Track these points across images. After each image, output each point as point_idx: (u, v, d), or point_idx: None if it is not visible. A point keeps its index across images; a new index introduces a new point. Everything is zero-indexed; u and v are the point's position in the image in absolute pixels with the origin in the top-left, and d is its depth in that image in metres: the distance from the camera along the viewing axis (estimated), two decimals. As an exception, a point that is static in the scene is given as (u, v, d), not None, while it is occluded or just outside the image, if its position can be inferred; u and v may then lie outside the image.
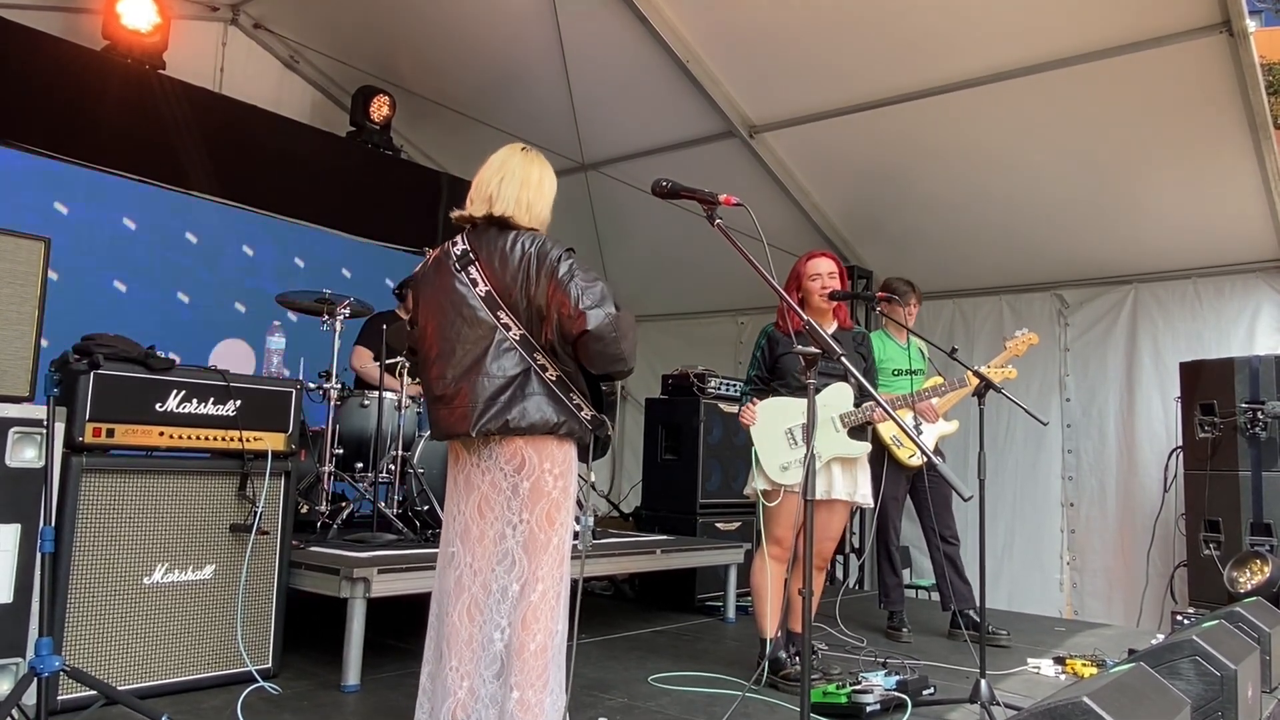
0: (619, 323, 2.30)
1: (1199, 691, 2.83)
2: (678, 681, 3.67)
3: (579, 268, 2.36)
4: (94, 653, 2.96)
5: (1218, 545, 4.93)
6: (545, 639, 2.32)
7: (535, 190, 2.47)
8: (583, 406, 2.43)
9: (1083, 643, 4.68)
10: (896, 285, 4.99)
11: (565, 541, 2.41)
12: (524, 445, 2.39)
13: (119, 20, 5.49)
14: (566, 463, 2.43)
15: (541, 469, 2.38)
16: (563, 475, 2.41)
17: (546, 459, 2.38)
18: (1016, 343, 4.57)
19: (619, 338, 2.30)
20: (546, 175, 2.53)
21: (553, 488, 2.38)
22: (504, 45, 5.96)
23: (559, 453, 2.41)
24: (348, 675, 3.30)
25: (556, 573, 2.37)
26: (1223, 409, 5.01)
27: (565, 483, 2.41)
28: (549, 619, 2.33)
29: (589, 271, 2.37)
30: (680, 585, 5.38)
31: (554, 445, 2.40)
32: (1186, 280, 5.81)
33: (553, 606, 2.35)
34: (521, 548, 2.36)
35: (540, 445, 2.39)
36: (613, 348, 2.30)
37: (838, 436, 3.67)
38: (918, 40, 4.90)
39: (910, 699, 3.29)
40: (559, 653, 2.38)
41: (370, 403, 4.78)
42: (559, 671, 2.38)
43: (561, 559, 2.39)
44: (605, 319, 2.28)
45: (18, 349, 2.88)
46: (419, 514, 4.49)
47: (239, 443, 3.33)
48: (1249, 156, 4.87)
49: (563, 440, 2.42)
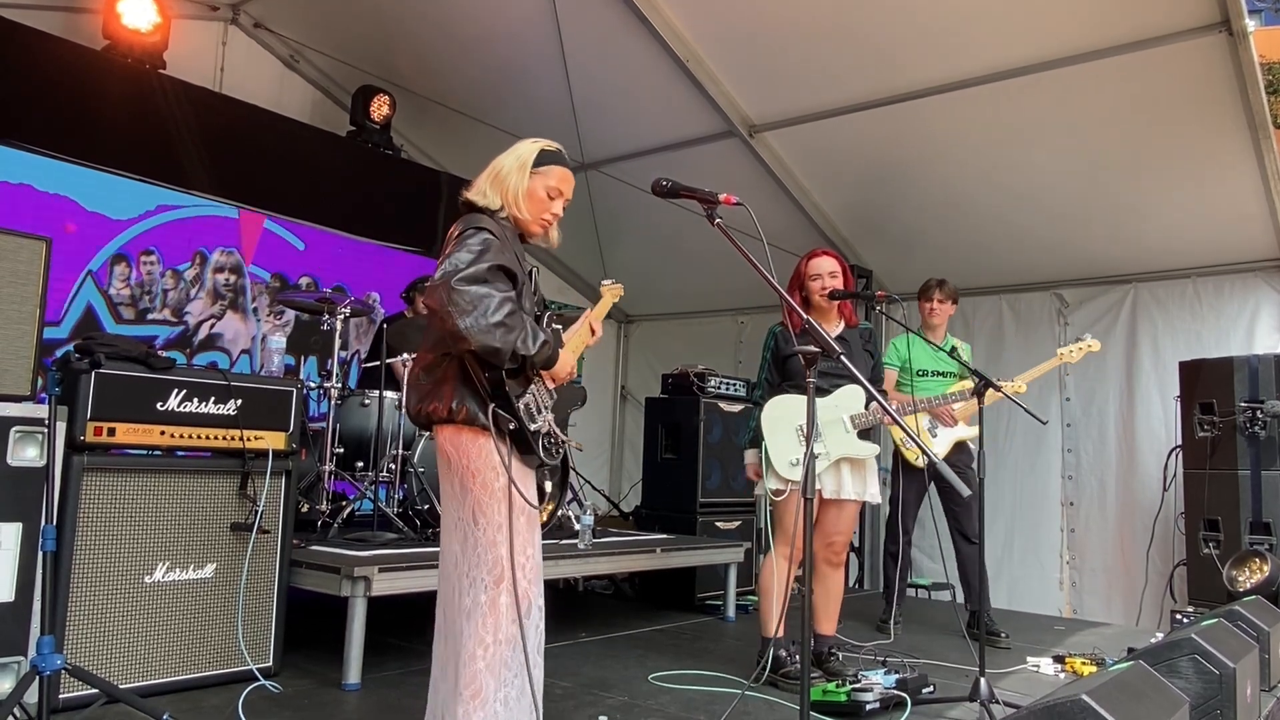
0: (454, 295, 2.13)
1: (1198, 690, 2.84)
2: (678, 680, 3.68)
3: (470, 238, 2.24)
4: (95, 651, 2.97)
5: (1217, 544, 4.93)
6: (474, 647, 2.19)
7: (503, 163, 2.42)
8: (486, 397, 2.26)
9: (1082, 641, 4.69)
10: (926, 282, 5.01)
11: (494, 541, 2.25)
12: (445, 439, 2.32)
13: (119, 20, 5.48)
14: (482, 456, 2.27)
15: (461, 465, 2.29)
16: (479, 471, 2.26)
17: (464, 454, 2.28)
18: (1069, 351, 4.56)
19: (453, 311, 2.12)
20: (517, 150, 2.44)
21: (473, 483, 2.27)
22: (504, 45, 5.96)
23: (473, 446, 2.27)
24: (348, 674, 3.31)
25: (487, 577, 2.23)
26: (1222, 408, 5.01)
27: (484, 478, 2.26)
28: (479, 626, 2.20)
29: (475, 239, 2.23)
30: (680, 584, 5.39)
31: (467, 436, 2.28)
32: (1186, 280, 5.82)
33: (485, 614, 2.20)
34: (459, 546, 2.30)
35: (457, 438, 2.29)
36: (448, 322, 2.13)
37: (847, 437, 3.68)
38: (918, 39, 4.90)
39: (910, 697, 3.30)
40: (498, 665, 2.20)
41: (370, 402, 4.79)
42: (501, 686, 2.20)
43: (488, 563, 2.24)
44: (439, 287, 2.14)
45: (19, 348, 2.89)
46: (419, 513, 4.49)
47: (240, 442, 3.34)
48: (1248, 156, 4.87)
49: (476, 431, 2.27)
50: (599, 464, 8.28)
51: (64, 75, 5.16)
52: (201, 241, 5.86)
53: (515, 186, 2.38)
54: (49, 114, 5.11)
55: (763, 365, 3.87)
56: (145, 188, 5.54)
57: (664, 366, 6.22)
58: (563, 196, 2.48)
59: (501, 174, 2.40)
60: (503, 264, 2.25)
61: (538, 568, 2.34)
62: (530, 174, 2.40)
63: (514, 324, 2.18)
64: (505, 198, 2.38)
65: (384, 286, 6.82)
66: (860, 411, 3.70)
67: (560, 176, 2.46)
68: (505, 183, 2.39)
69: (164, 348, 5.54)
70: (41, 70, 5.07)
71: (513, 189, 2.38)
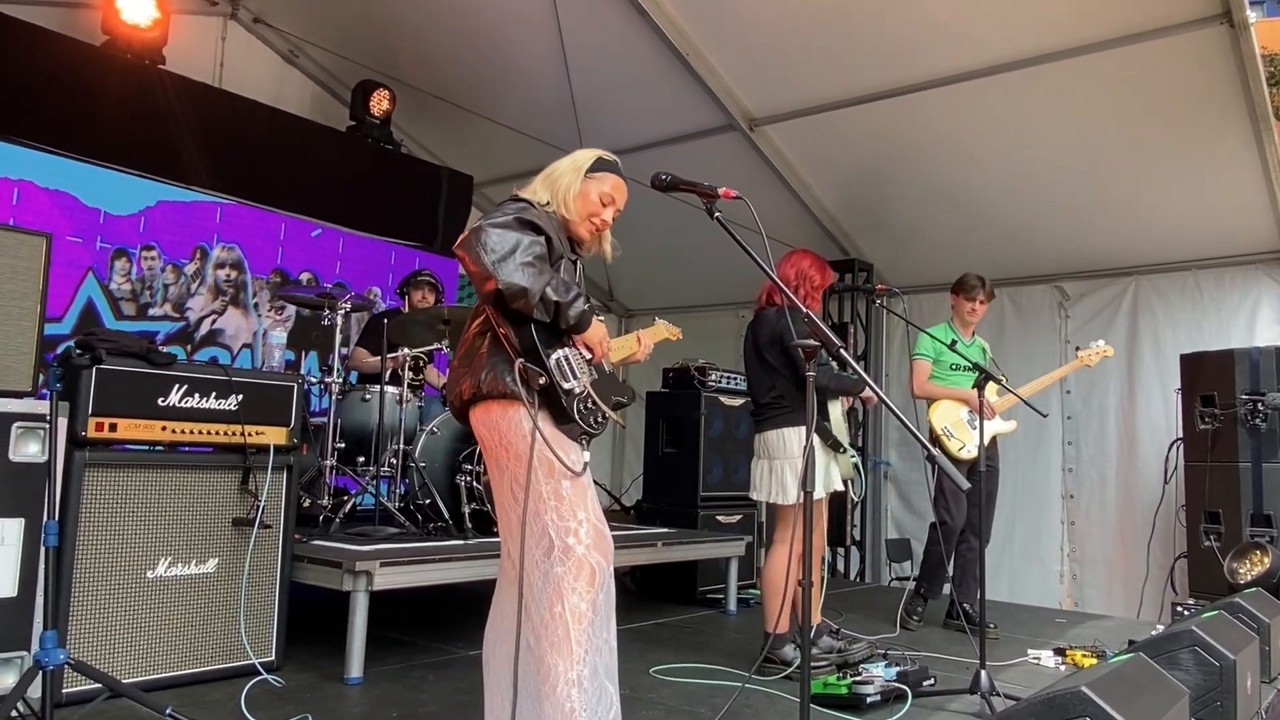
0: (483, 235, 2.11)
1: (1198, 682, 2.84)
2: (679, 673, 3.69)
3: (506, 204, 2.26)
4: (98, 646, 2.97)
5: (1218, 536, 4.94)
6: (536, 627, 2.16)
7: (558, 165, 2.44)
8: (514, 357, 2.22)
9: (1083, 634, 4.70)
10: (965, 277, 4.94)
11: (537, 512, 2.20)
12: (478, 419, 2.30)
13: (118, 15, 5.48)
14: (513, 427, 2.23)
15: (494, 442, 2.26)
16: (512, 443, 2.23)
17: (494, 430, 2.26)
18: (1089, 354, 4.56)
19: (480, 251, 2.10)
20: (574, 155, 2.47)
21: (507, 458, 2.25)
22: (504, 39, 5.96)
23: (503, 420, 2.24)
24: (350, 668, 3.32)
25: (536, 550, 2.20)
26: (1223, 400, 5.01)
27: (516, 449, 2.22)
28: (536, 605, 2.16)
29: (512, 206, 2.26)
30: (681, 578, 5.39)
31: (496, 410, 2.25)
32: (1187, 272, 5.82)
33: (540, 590, 2.17)
34: (505, 528, 2.29)
35: (487, 415, 2.27)
36: (474, 262, 2.11)
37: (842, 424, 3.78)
38: (918, 32, 4.89)
39: (910, 690, 3.30)
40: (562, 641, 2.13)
41: (371, 397, 4.79)
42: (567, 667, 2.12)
43: (534, 535, 2.20)
44: (469, 233, 2.14)
45: (20, 344, 2.90)
46: (420, 507, 4.50)
47: (241, 437, 3.34)
48: (1249, 148, 4.86)
49: (505, 402, 2.24)
50: (600, 458, 8.29)
51: (63, 71, 5.15)
52: (202, 237, 5.87)
53: (567, 186, 2.40)
54: (49, 110, 5.11)
55: None
56: (145, 183, 5.55)
57: (664, 361, 6.20)
58: (614, 204, 2.47)
59: (555, 174, 2.43)
60: (537, 223, 2.24)
61: (597, 532, 2.25)
62: (584, 177, 2.42)
63: (543, 269, 2.16)
64: (555, 196, 2.40)
65: (384, 281, 6.83)
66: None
67: (614, 184, 2.47)
68: (557, 182, 2.41)
69: (165, 343, 5.55)
70: (41, 66, 5.07)
71: (563, 188, 2.40)
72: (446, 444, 4.56)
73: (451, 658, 3.80)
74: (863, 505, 7.09)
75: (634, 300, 8.47)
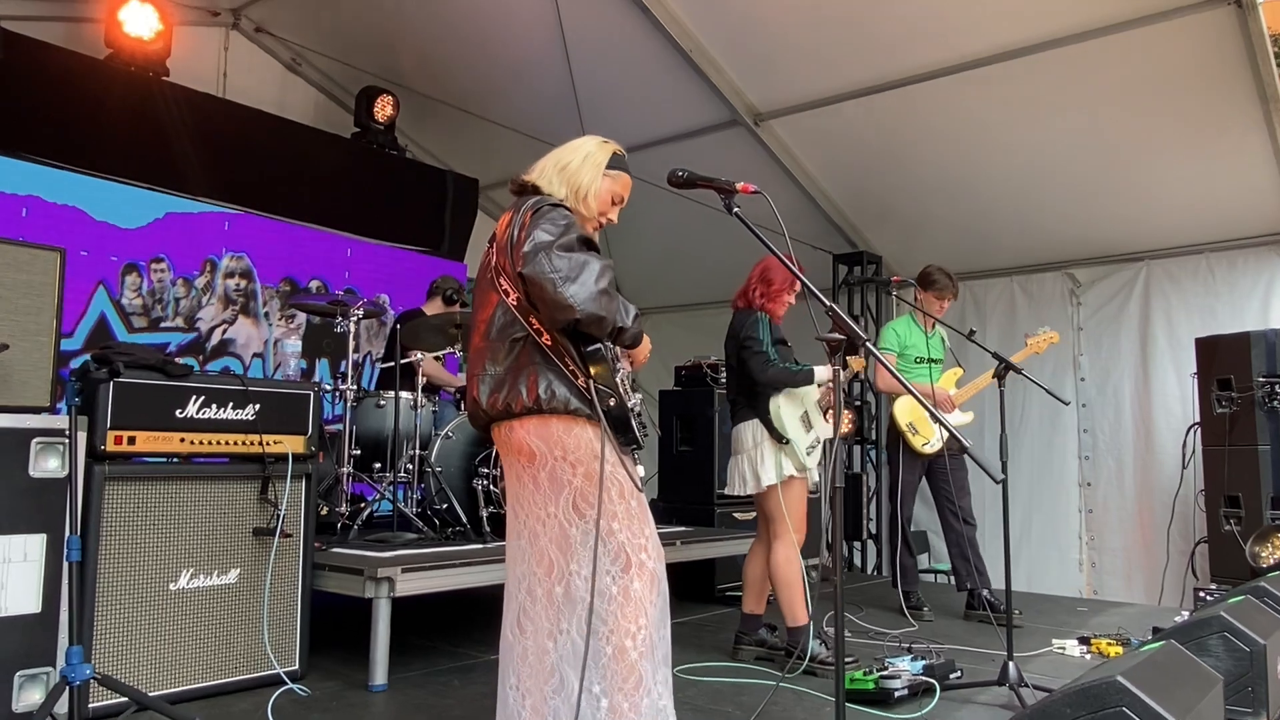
0: (556, 260, 2.04)
1: (1228, 667, 2.82)
2: (703, 672, 3.68)
3: (550, 213, 2.16)
4: (123, 660, 2.97)
5: (1238, 520, 4.91)
6: (621, 639, 2.13)
7: (571, 158, 2.35)
8: (578, 373, 2.16)
9: (1106, 622, 4.67)
10: (935, 275, 4.94)
11: (611, 530, 2.16)
12: (529, 432, 2.20)
13: (121, 28, 5.49)
14: (581, 445, 2.17)
15: (553, 457, 2.18)
16: (581, 460, 2.16)
17: (556, 445, 2.17)
18: (1038, 340, 4.57)
19: (555, 278, 2.02)
20: (594, 150, 2.38)
21: (573, 475, 2.17)
22: (506, 40, 5.95)
23: (568, 436, 2.17)
24: (375, 675, 3.32)
25: (613, 567, 2.16)
26: (1240, 384, 4.97)
27: (586, 468, 2.16)
28: (618, 617, 2.14)
29: (558, 214, 2.16)
30: (700, 576, 5.38)
31: (558, 426, 2.17)
32: (1199, 255, 5.78)
33: (621, 604, 2.14)
34: (555, 546, 2.20)
35: (544, 429, 2.18)
36: (550, 291, 2.02)
37: (823, 419, 3.85)
38: (923, 21, 4.87)
39: (938, 683, 3.28)
40: (649, 649, 2.15)
41: (386, 403, 4.79)
42: (657, 668, 2.16)
43: (611, 552, 2.17)
44: (538, 255, 2.04)
45: (36, 360, 2.90)
46: (438, 512, 4.50)
47: (259, 446, 3.34)
48: (1259, 129, 4.83)
49: (569, 418, 2.17)
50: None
51: (68, 86, 5.17)
52: (211, 248, 5.87)
53: (588, 184, 2.33)
54: (55, 125, 5.13)
55: (764, 338, 3.79)
56: (153, 195, 5.56)
57: (675, 359, 6.20)
58: (623, 203, 2.45)
59: (571, 169, 2.34)
60: (588, 238, 2.20)
61: (658, 548, 2.25)
62: (603, 175, 2.37)
63: (614, 293, 2.12)
64: (573, 193, 2.33)
65: (393, 287, 6.82)
66: (821, 395, 3.84)
67: (625, 183, 2.42)
68: (576, 178, 2.33)
69: (177, 355, 5.55)
70: (46, 81, 5.08)
71: (585, 186, 2.33)
72: (462, 448, 4.55)
73: (475, 662, 3.79)
74: (877, 498, 7.07)
75: (641, 299, 8.44)
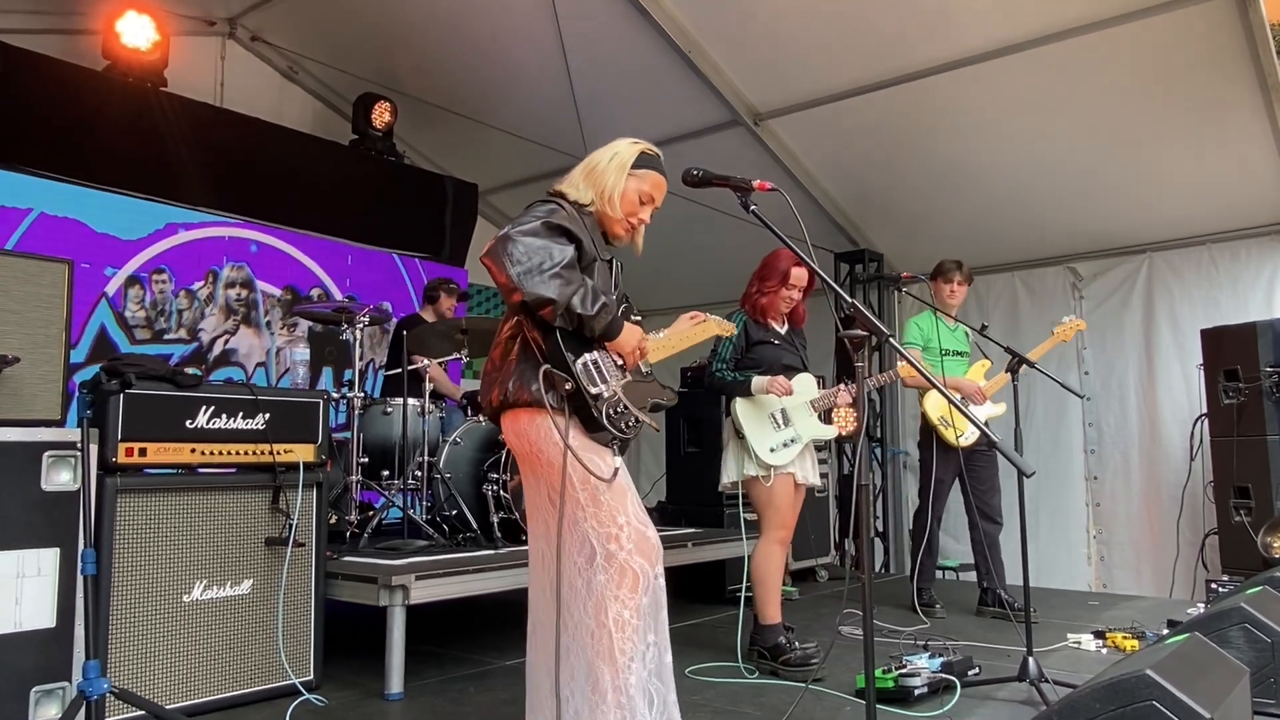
0: (509, 245, 2.10)
1: (1250, 658, 2.82)
2: (717, 673, 3.66)
3: (536, 207, 2.24)
4: (139, 673, 2.95)
5: (1248, 511, 4.90)
6: (586, 637, 2.15)
7: (600, 159, 2.39)
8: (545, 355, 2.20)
9: (1119, 616, 4.67)
10: (942, 262, 4.98)
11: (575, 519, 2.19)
12: (508, 427, 2.29)
13: (119, 39, 5.47)
14: (542, 434, 2.21)
15: (528, 449, 2.25)
16: (543, 449, 2.21)
17: (524, 437, 2.25)
18: (1065, 329, 4.56)
19: (506, 261, 2.08)
20: (615, 147, 2.42)
21: (541, 465, 2.24)
22: (503, 44, 5.93)
23: (531, 427, 2.22)
24: (391, 683, 3.30)
25: (579, 558, 2.18)
26: (1247, 374, 4.97)
27: (548, 456, 2.21)
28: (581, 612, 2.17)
29: (542, 208, 2.23)
30: (710, 577, 5.36)
31: (524, 418, 2.23)
32: (1201, 246, 5.77)
33: (584, 599, 2.16)
34: (543, 539, 2.28)
35: (516, 423, 2.26)
36: (500, 274, 2.10)
37: (813, 420, 3.82)
38: (921, 17, 4.86)
39: (958, 680, 3.27)
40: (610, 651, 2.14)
41: (393, 410, 4.76)
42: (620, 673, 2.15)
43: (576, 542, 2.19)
44: (496, 241, 2.11)
45: (46, 373, 2.88)
46: (447, 519, 4.48)
47: (270, 455, 3.32)
48: (1260, 119, 4.83)
49: (533, 410, 2.21)
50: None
51: (67, 98, 5.15)
52: (212, 258, 5.85)
53: (612, 185, 2.35)
54: (55, 137, 5.11)
55: (723, 351, 3.81)
56: (154, 207, 5.54)
57: (682, 360, 6.17)
58: (654, 203, 2.44)
59: (598, 170, 2.37)
60: (567, 227, 2.21)
61: (640, 535, 2.23)
62: (628, 175, 2.37)
63: (572, 279, 2.14)
64: (599, 194, 2.36)
65: (393, 294, 6.80)
66: (818, 395, 3.83)
67: (655, 183, 2.42)
68: (601, 180, 2.36)
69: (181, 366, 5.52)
70: (45, 94, 5.06)
71: (609, 187, 2.35)
72: (470, 454, 4.53)
73: (489, 668, 3.77)
74: (884, 496, 7.07)
75: (644, 300, 8.43)
